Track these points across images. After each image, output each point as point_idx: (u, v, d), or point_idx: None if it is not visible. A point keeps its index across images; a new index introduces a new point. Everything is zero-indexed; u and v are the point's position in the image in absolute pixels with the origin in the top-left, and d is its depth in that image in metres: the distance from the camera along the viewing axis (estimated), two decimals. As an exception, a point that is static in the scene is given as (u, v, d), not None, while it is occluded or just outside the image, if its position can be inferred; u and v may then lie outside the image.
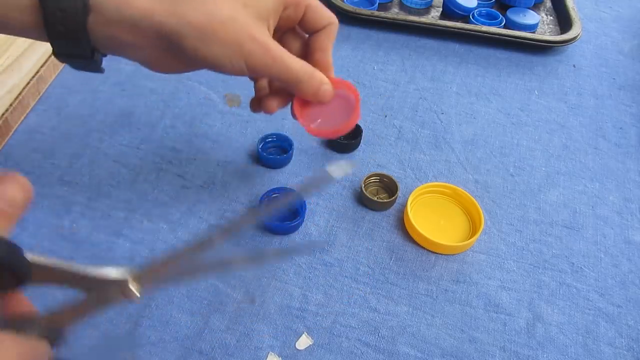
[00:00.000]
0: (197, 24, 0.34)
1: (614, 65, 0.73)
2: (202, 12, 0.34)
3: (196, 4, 0.34)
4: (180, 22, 0.34)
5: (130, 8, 0.33)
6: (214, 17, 0.34)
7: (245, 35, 0.35)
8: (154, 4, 0.34)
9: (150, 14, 0.33)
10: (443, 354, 0.42)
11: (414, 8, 0.78)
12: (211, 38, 0.34)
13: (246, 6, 0.35)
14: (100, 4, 0.33)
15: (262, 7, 0.36)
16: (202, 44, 0.34)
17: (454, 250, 0.48)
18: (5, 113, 0.54)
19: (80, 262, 0.32)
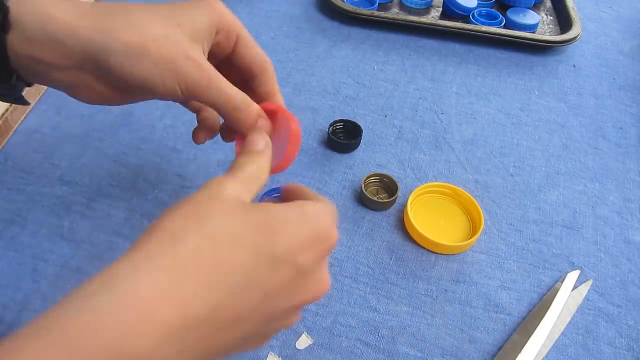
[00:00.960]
0: (127, 41, 0.31)
1: (614, 65, 0.73)
2: (132, 28, 0.32)
3: (126, 20, 0.32)
4: (109, 39, 0.31)
5: (54, 24, 0.31)
6: (145, 34, 0.32)
7: (179, 54, 0.32)
8: (80, 20, 0.31)
9: (75, 31, 0.31)
10: (443, 353, 0.42)
11: (414, 8, 0.78)
12: (142, 56, 0.32)
13: (180, 25, 0.33)
14: (22, 21, 0.30)
15: (196, 28, 0.34)
16: (132, 62, 0.32)
17: (454, 250, 0.48)
18: (5, 113, 0.54)
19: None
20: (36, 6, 0.31)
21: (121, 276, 0.23)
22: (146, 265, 0.23)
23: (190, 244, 0.24)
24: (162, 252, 0.24)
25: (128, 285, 0.22)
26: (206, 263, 0.24)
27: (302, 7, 0.77)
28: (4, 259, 0.45)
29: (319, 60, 0.68)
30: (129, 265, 0.23)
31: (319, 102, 0.62)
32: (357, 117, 0.60)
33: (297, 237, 0.27)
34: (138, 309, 0.22)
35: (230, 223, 0.26)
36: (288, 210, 0.28)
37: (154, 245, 0.24)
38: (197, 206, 0.26)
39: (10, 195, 0.49)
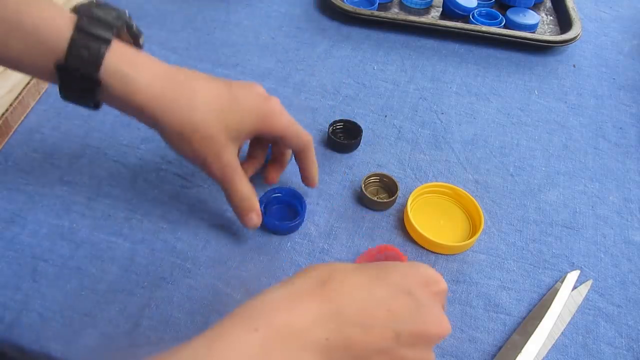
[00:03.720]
0: (178, 130, 0.40)
1: (614, 65, 0.73)
2: (188, 119, 0.40)
3: (186, 109, 0.40)
4: (166, 123, 0.40)
5: (132, 99, 0.39)
6: (195, 128, 0.40)
7: (212, 152, 0.41)
8: (152, 100, 0.39)
9: (145, 107, 0.39)
10: (443, 353, 0.42)
11: (414, 8, 0.78)
12: (185, 141, 0.41)
13: (227, 128, 0.41)
14: (110, 86, 0.38)
15: (240, 132, 0.42)
16: (177, 141, 0.41)
17: (454, 250, 0.48)
18: (5, 113, 0.54)
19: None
20: (122, 78, 0.38)
21: (279, 284, 0.32)
22: (293, 280, 0.32)
23: (323, 271, 0.33)
24: (304, 274, 0.33)
25: (284, 288, 0.32)
26: (338, 280, 0.32)
27: (302, 7, 0.77)
28: (4, 259, 0.45)
29: (319, 60, 0.68)
30: (282, 281, 0.33)
31: (319, 102, 0.62)
32: (357, 117, 0.60)
33: (412, 276, 0.33)
34: (295, 297, 0.31)
35: (358, 269, 0.34)
36: (399, 263, 0.35)
37: (297, 274, 0.33)
38: (339, 264, 0.35)
39: (10, 195, 0.49)
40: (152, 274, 0.44)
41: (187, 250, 0.46)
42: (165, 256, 0.46)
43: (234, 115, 0.41)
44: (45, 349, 0.40)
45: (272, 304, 0.30)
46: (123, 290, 0.43)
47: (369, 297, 0.31)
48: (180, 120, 0.40)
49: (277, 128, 0.43)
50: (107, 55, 0.37)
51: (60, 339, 0.40)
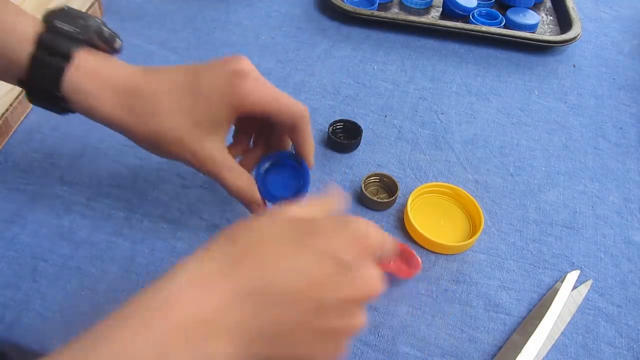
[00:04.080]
0: (147, 140, 0.40)
1: (614, 65, 0.73)
2: (152, 129, 0.39)
3: (150, 119, 0.39)
4: (134, 135, 0.40)
5: (95, 114, 0.39)
6: (162, 137, 0.39)
7: (189, 153, 0.40)
8: (115, 113, 0.39)
9: (109, 121, 0.40)
10: (443, 353, 0.42)
11: (414, 8, 0.78)
12: (159, 149, 0.40)
13: (199, 125, 0.39)
14: (72, 102, 0.39)
15: (214, 122, 0.39)
16: (151, 149, 0.41)
17: (454, 250, 0.48)
18: (5, 113, 0.54)
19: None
20: (82, 98, 0.38)
21: (191, 263, 0.28)
22: (208, 256, 0.29)
23: (242, 243, 0.29)
24: (221, 249, 0.29)
25: (193, 270, 0.28)
26: (254, 254, 0.29)
27: (302, 7, 0.77)
28: (4, 259, 0.45)
29: (319, 60, 0.68)
30: (195, 257, 0.29)
31: (319, 102, 0.62)
32: (357, 117, 0.60)
33: (337, 237, 0.30)
34: (201, 284, 0.27)
35: (278, 230, 0.31)
36: (331, 218, 0.32)
37: (215, 245, 0.30)
38: (257, 220, 0.31)
39: (10, 195, 0.49)
40: (152, 274, 0.44)
41: (187, 250, 0.46)
42: (165, 256, 0.46)
43: (202, 108, 0.39)
44: (45, 349, 0.40)
45: (175, 293, 0.27)
46: (123, 290, 0.43)
47: (290, 268, 0.28)
48: (146, 131, 0.39)
49: (257, 107, 0.39)
50: (67, 72, 0.37)
51: (60, 339, 0.40)
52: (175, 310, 0.26)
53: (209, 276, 0.28)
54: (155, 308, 0.26)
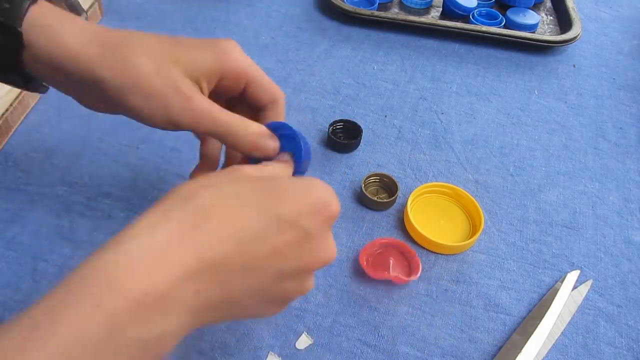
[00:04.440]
0: (120, 75, 0.33)
1: (614, 65, 0.73)
2: (127, 63, 0.34)
3: (124, 54, 0.34)
4: (105, 72, 0.33)
5: (59, 49, 0.33)
6: (138, 69, 0.34)
7: (168, 89, 0.34)
8: (82, 48, 0.33)
9: (76, 58, 0.33)
10: (443, 353, 0.42)
11: (414, 8, 0.78)
12: (133, 90, 0.34)
13: (176, 62, 0.35)
14: (34, 42, 0.33)
15: (194, 66, 0.35)
16: (125, 94, 0.34)
17: (454, 250, 0.48)
18: (5, 113, 0.54)
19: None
20: (45, 31, 0.33)
21: (143, 227, 0.26)
22: (163, 219, 0.26)
23: (200, 203, 0.27)
24: (177, 209, 0.27)
25: (147, 236, 0.25)
26: (215, 217, 0.27)
27: (302, 7, 0.77)
28: (4, 259, 0.45)
29: (319, 60, 0.68)
30: (148, 220, 0.26)
31: (319, 102, 0.62)
32: (357, 117, 0.60)
33: (301, 203, 0.29)
34: (157, 253, 0.25)
35: (239, 189, 0.28)
36: (294, 180, 0.31)
37: (169, 204, 0.27)
38: (211, 178, 0.29)
39: (10, 195, 0.49)
40: (152, 274, 0.44)
41: (187, 250, 0.46)
42: (165, 256, 0.46)
43: (186, 51, 0.35)
44: (45, 349, 0.40)
45: (126, 266, 0.24)
46: (123, 290, 0.43)
47: (252, 235, 0.27)
48: (121, 69, 0.34)
49: (241, 71, 0.36)
50: (31, 9, 0.33)
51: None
52: (127, 287, 0.23)
53: (163, 246, 0.25)
54: (104, 284, 0.23)
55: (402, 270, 0.46)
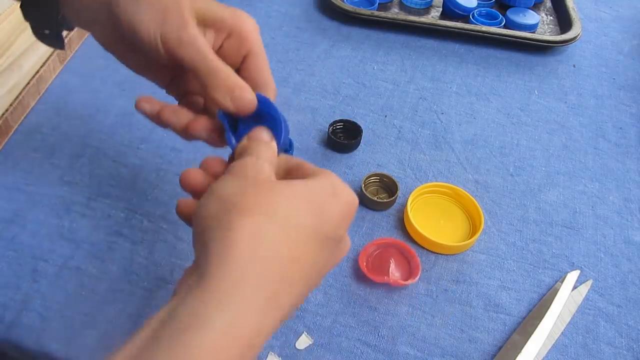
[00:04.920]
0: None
1: (614, 65, 0.73)
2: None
3: None
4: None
5: None
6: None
7: (173, 7, 0.33)
8: None
9: None
10: (443, 353, 0.42)
11: (414, 8, 0.78)
12: (141, 1, 0.33)
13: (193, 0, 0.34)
14: None
15: (207, 9, 0.35)
16: (132, 7, 0.33)
17: (454, 250, 0.48)
18: (5, 113, 0.54)
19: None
20: None
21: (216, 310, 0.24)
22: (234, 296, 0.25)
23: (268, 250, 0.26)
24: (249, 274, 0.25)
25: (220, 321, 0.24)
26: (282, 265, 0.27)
27: (302, 7, 0.77)
28: (4, 259, 0.45)
29: (319, 60, 0.68)
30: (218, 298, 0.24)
31: (319, 102, 0.62)
32: (357, 117, 0.60)
33: (339, 215, 0.30)
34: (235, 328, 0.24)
35: (294, 212, 0.28)
36: (325, 189, 0.30)
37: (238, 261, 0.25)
38: (249, 198, 0.27)
39: (10, 195, 0.49)
40: (152, 274, 0.44)
41: (187, 250, 0.46)
42: (165, 256, 0.46)
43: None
44: (45, 349, 0.40)
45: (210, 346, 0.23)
46: (123, 290, 0.43)
47: (310, 265, 0.28)
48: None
49: (248, 30, 0.36)
50: None
51: (60, 339, 0.40)
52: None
53: (241, 320, 0.24)
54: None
55: (402, 271, 0.46)
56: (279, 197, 0.28)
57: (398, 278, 0.45)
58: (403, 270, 0.46)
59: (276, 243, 0.26)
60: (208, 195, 0.29)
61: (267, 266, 0.26)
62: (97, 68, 0.63)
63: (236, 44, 0.36)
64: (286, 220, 0.27)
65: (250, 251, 0.25)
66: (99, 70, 0.63)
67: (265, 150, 0.32)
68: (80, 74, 0.62)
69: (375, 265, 0.46)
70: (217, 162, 0.34)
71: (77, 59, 0.64)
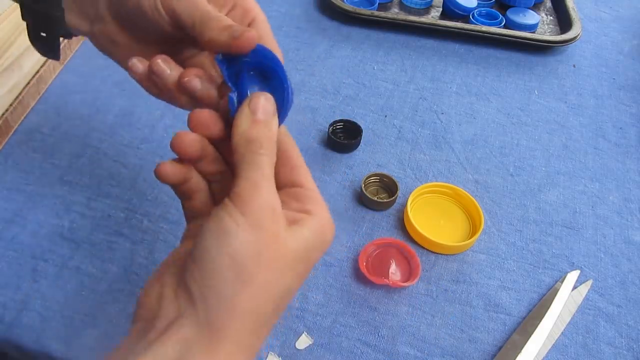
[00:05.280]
0: None
1: (614, 65, 0.73)
2: None
3: None
4: None
5: None
6: None
7: None
8: None
9: None
10: (443, 353, 0.42)
11: (414, 8, 0.78)
12: None
13: None
14: None
15: None
16: None
17: (454, 250, 0.48)
18: (5, 113, 0.54)
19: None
20: None
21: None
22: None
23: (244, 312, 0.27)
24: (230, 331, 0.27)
25: None
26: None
27: (302, 7, 0.77)
28: (4, 259, 0.45)
29: (319, 60, 0.68)
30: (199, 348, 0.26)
31: (319, 102, 0.62)
32: (357, 117, 0.60)
33: (319, 258, 0.31)
34: None
35: (290, 282, 0.29)
36: (316, 242, 0.30)
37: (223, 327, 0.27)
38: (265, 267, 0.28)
39: (10, 195, 0.49)
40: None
41: (187, 250, 0.46)
42: (165, 256, 0.46)
43: None
44: (45, 349, 0.40)
45: None
46: (123, 290, 0.43)
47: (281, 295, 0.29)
48: None
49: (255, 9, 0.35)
50: None
51: (60, 339, 0.40)
52: None
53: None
54: None
55: (402, 271, 0.46)
56: (286, 268, 0.28)
57: (398, 278, 0.45)
58: (403, 270, 0.46)
59: (271, 317, 0.28)
60: (220, 244, 0.27)
61: (260, 336, 0.28)
62: (97, 68, 0.63)
63: (240, 14, 0.35)
64: (285, 293, 0.29)
65: (252, 327, 0.27)
66: (99, 70, 0.63)
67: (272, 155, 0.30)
68: (80, 74, 0.62)
69: (375, 266, 0.46)
70: (209, 118, 0.31)
71: (77, 59, 0.64)
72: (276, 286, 0.28)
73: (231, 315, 0.26)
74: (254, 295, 0.27)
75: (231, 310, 0.26)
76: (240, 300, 0.26)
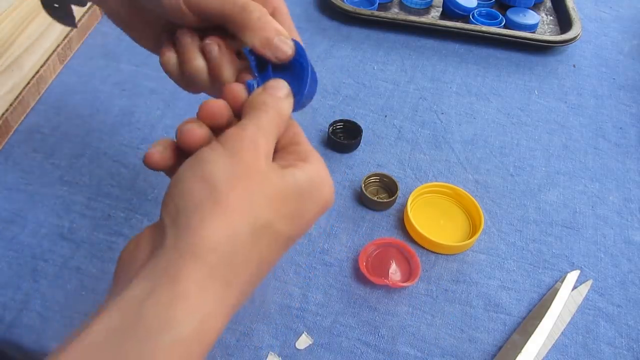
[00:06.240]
0: None
1: (614, 65, 0.73)
2: None
3: None
4: None
5: None
6: None
7: None
8: None
9: None
10: (443, 353, 0.42)
11: (414, 8, 0.78)
12: None
13: None
14: None
15: None
16: None
17: (454, 250, 0.48)
18: (5, 113, 0.54)
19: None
20: None
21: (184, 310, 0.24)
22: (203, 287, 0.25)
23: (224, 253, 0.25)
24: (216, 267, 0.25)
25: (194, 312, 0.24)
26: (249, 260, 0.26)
27: (302, 7, 0.77)
28: (4, 259, 0.45)
29: (319, 60, 0.68)
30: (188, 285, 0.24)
31: (319, 102, 0.62)
32: (357, 117, 0.60)
33: (312, 219, 0.30)
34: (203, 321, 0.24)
35: (274, 218, 0.27)
36: (310, 187, 0.29)
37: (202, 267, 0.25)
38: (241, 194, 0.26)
39: (10, 195, 0.49)
40: (152, 274, 0.44)
41: (187, 250, 0.46)
42: (165, 256, 0.46)
43: None
44: (45, 349, 0.40)
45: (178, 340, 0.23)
46: (123, 290, 0.43)
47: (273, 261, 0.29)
48: None
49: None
50: None
51: (60, 339, 0.40)
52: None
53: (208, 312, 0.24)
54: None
55: (402, 271, 0.46)
56: (265, 199, 0.27)
57: (398, 278, 0.45)
58: (403, 270, 0.46)
59: (248, 251, 0.26)
60: (194, 168, 0.27)
61: (237, 272, 0.26)
62: (97, 68, 0.63)
63: (262, 3, 0.35)
64: (264, 228, 0.27)
65: (225, 256, 0.25)
66: (99, 70, 0.63)
67: (273, 118, 0.30)
68: (80, 74, 0.62)
69: (375, 266, 0.46)
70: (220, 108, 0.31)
71: (77, 59, 0.64)
72: (252, 214, 0.26)
73: (201, 235, 0.25)
74: (226, 217, 0.25)
75: (200, 229, 0.25)
76: (212, 221, 0.25)
